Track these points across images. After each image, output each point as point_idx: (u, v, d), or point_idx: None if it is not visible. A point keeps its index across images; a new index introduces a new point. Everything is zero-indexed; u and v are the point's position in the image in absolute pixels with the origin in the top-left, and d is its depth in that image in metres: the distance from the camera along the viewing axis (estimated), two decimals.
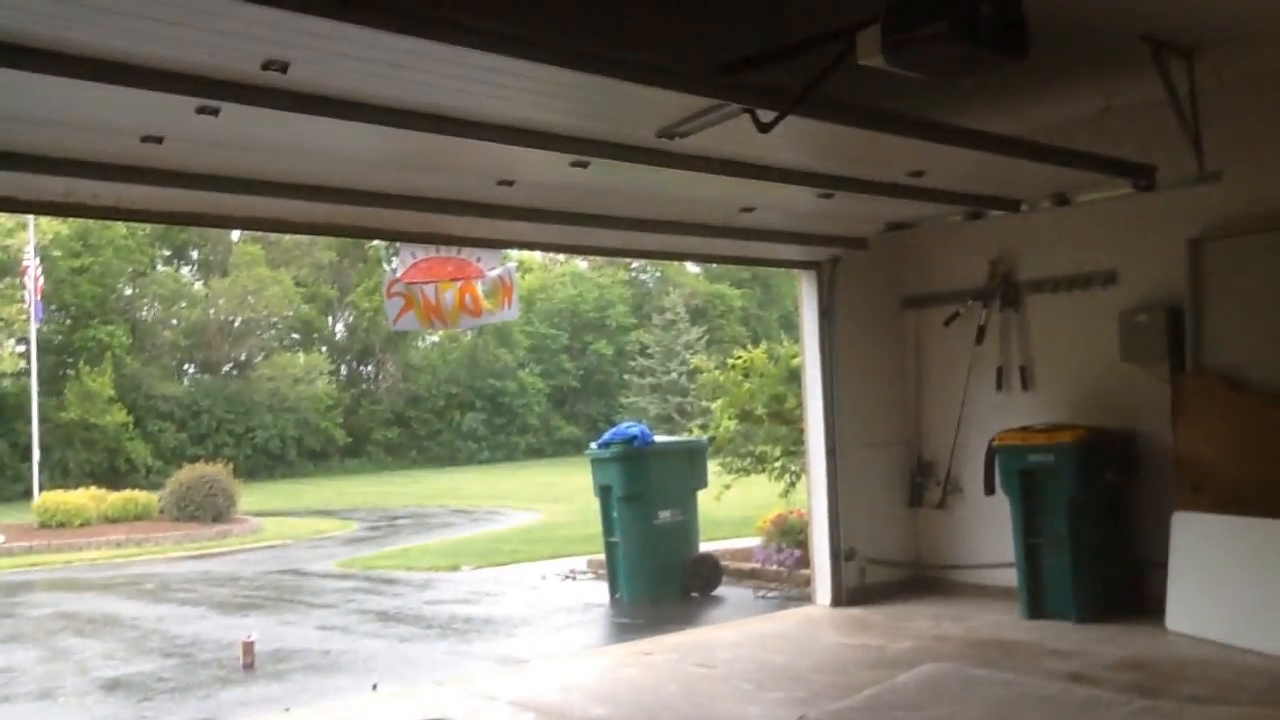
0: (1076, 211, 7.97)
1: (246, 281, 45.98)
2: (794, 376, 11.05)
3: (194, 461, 26.01)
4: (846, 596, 9.10)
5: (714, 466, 12.01)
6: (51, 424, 35.94)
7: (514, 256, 11.29)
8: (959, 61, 4.94)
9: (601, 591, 11.37)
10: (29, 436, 29.23)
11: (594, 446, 11.16)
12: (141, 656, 9.53)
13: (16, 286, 31.23)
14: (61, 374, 40.55)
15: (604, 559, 11.42)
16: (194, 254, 50.11)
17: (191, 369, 48.39)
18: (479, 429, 50.92)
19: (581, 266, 56.97)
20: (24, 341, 31.08)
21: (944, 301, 9.40)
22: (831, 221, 8.28)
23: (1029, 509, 8.22)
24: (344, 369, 52.52)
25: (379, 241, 42.64)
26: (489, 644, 9.39)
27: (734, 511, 14.29)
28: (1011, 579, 8.49)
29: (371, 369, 53.36)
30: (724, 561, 11.36)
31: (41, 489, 24.98)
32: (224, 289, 46.72)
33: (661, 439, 11.42)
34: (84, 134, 5.02)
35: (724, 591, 10.92)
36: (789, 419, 11.56)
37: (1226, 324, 7.74)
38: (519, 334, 52.05)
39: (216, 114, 4.65)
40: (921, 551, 9.61)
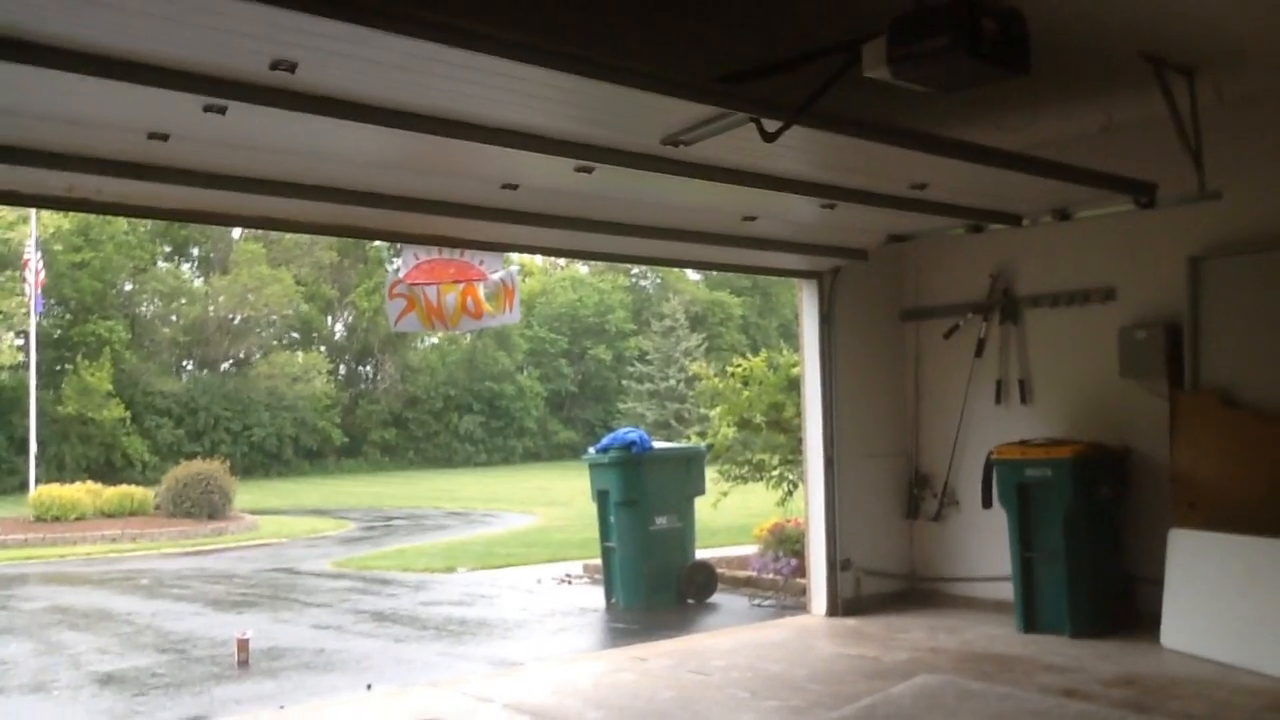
0: (1077, 227, 7.99)
1: (247, 279, 46.06)
2: (793, 385, 11.06)
3: (190, 458, 26.08)
4: (842, 607, 9.11)
5: (712, 474, 12.02)
6: (49, 418, 35.99)
7: (514, 260, 11.26)
8: (962, 75, 4.99)
9: (597, 596, 11.37)
10: (26, 430, 29.26)
11: (592, 451, 11.16)
12: (136, 651, 9.53)
13: (17, 280, 31.25)
14: (60, 368, 40.63)
15: (600, 564, 11.43)
16: (195, 251, 50.24)
17: (190, 366, 48.49)
18: (476, 431, 50.98)
19: (582, 271, 57.05)
20: (23, 335, 31.11)
21: (944, 314, 9.43)
22: (833, 232, 8.29)
23: (1025, 523, 8.24)
24: (342, 369, 52.60)
25: (381, 242, 42.92)
26: (484, 646, 9.39)
27: (731, 519, 14.32)
28: (1006, 592, 8.51)
29: (370, 369, 53.43)
30: (720, 569, 11.37)
31: (37, 483, 24.98)
32: (224, 287, 46.80)
33: (660, 445, 11.41)
34: (90, 130, 5.01)
35: (719, 599, 10.93)
36: (787, 428, 11.58)
37: (1225, 342, 7.76)
38: (518, 337, 52.12)
39: (223, 112, 4.66)
40: (917, 563, 9.62)
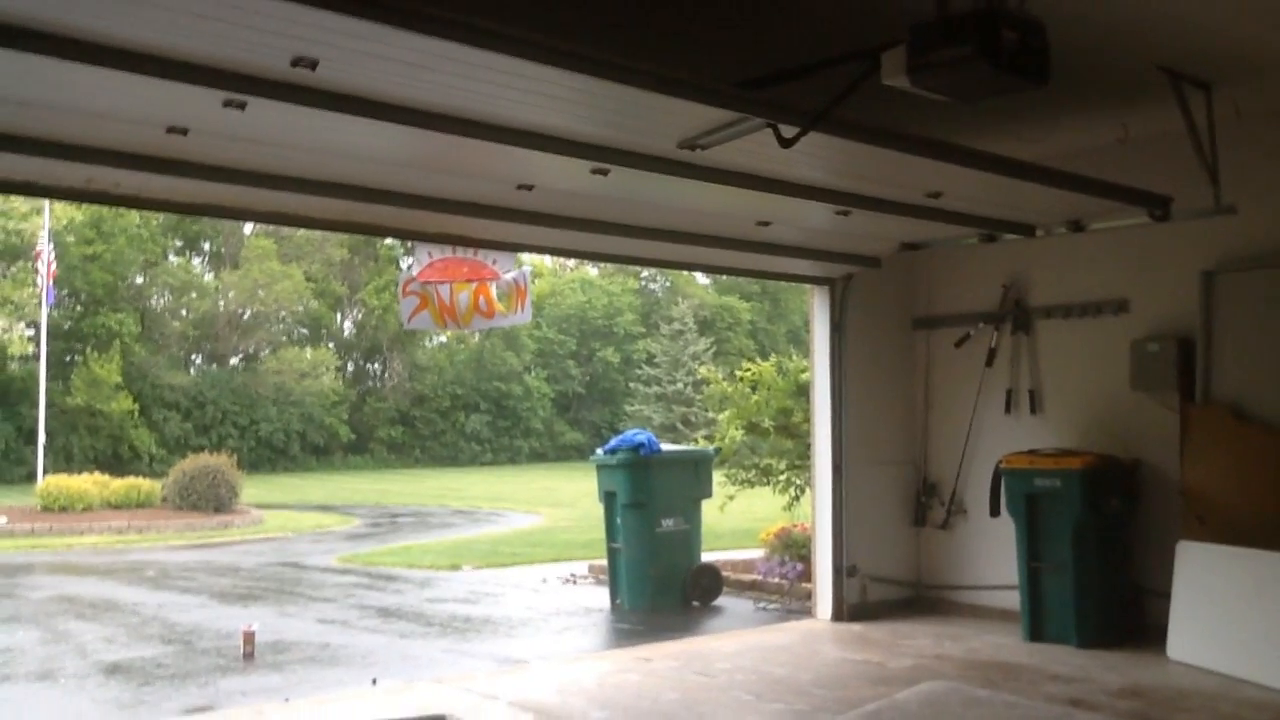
0: (1091, 239, 7.99)
1: (257, 275, 46.20)
2: (802, 391, 11.07)
3: (198, 451, 26.09)
4: (847, 612, 9.12)
5: (719, 477, 12.02)
6: (57, 409, 36.11)
7: (524, 261, 11.28)
8: (981, 85, 4.98)
9: (602, 597, 11.39)
10: (35, 420, 29.38)
11: (600, 452, 11.17)
12: (142, 642, 9.56)
13: (29, 271, 31.35)
14: (69, 359, 40.77)
15: (605, 564, 11.44)
16: (206, 246, 50.38)
17: (199, 360, 48.64)
18: (483, 431, 51.04)
19: (591, 273, 57.08)
20: (34, 326, 31.19)
21: (955, 323, 9.43)
22: (846, 239, 8.29)
23: (1033, 532, 8.23)
24: (350, 366, 52.69)
25: (392, 240, 43.01)
26: (488, 644, 9.41)
27: (737, 523, 14.33)
28: (1012, 601, 8.51)
29: (378, 367, 53.53)
30: (726, 572, 11.38)
31: (45, 473, 25.07)
32: (234, 281, 46.93)
33: (668, 448, 11.42)
34: (110, 123, 5.02)
35: (724, 602, 10.94)
36: (795, 433, 11.59)
37: (1237, 356, 7.76)
38: (526, 338, 52.19)
39: (243, 108, 4.67)
40: (923, 571, 9.62)
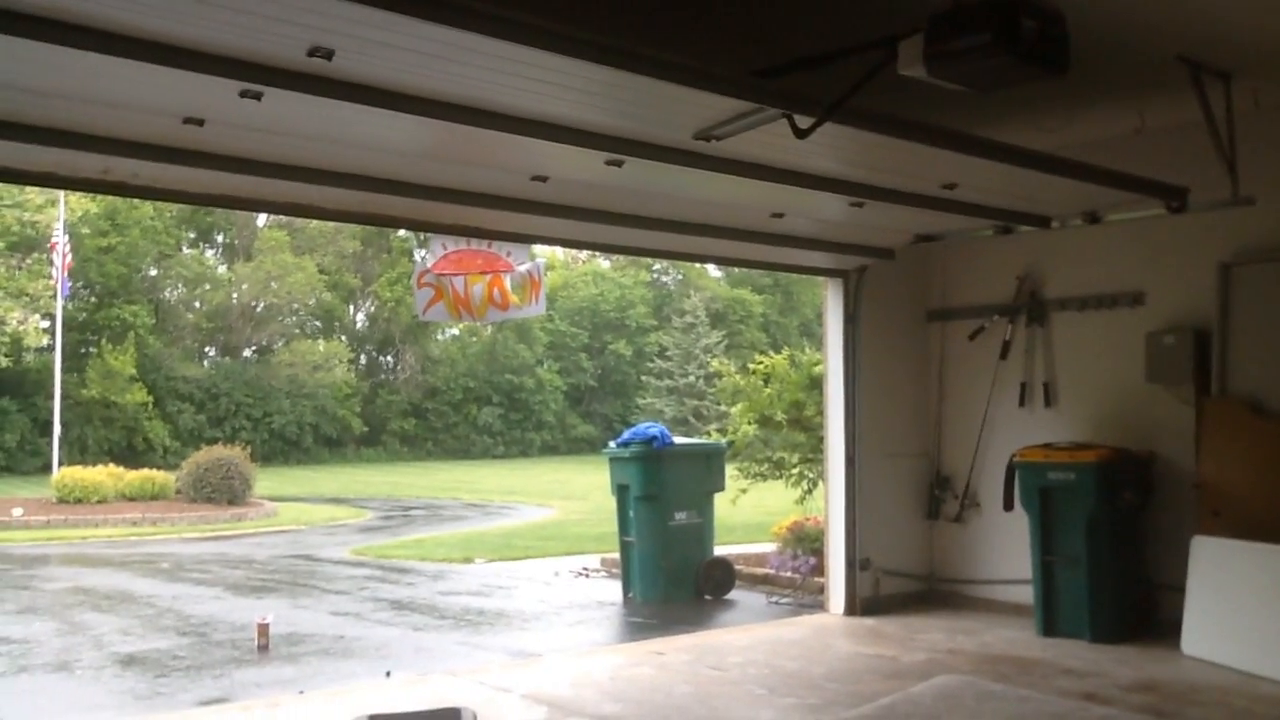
0: (1106, 230, 7.95)
1: (270, 267, 46.32)
2: (815, 384, 11.05)
3: (211, 444, 26.21)
4: (860, 606, 9.10)
5: (731, 471, 12.02)
6: (72, 400, 36.30)
7: (537, 253, 11.31)
8: (999, 75, 4.95)
9: (614, 590, 11.40)
10: (50, 412, 29.53)
11: (613, 445, 11.17)
12: (157, 634, 9.61)
13: (44, 263, 31.48)
14: (84, 351, 40.96)
15: (618, 557, 11.45)
16: (219, 238, 50.54)
17: (212, 352, 48.81)
18: (495, 424, 51.13)
19: (603, 266, 57.08)
20: (49, 317, 31.31)
21: (969, 315, 9.40)
22: (861, 231, 8.26)
23: (1047, 526, 8.20)
24: (363, 358, 52.82)
25: (404, 232, 43.12)
26: (502, 637, 9.42)
27: (749, 517, 14.33)
28: (1025, 596, 8.48)
29: (390, 359, 53.65)
30: (738, 566, 11.38)
31: (60, 465, 25.19)
32: (248, 274, 47.06)
33: (680, 441, 11.42)
34: (126, 113, 5.03)
35: (737, 596, 10.93)
36: (808, 426, 11.57)
37: (1254, 349, 7.72)
38: (538, 331, 52.23)
39: (259, 98, 4.67)
40: (936, 564, 9.60)
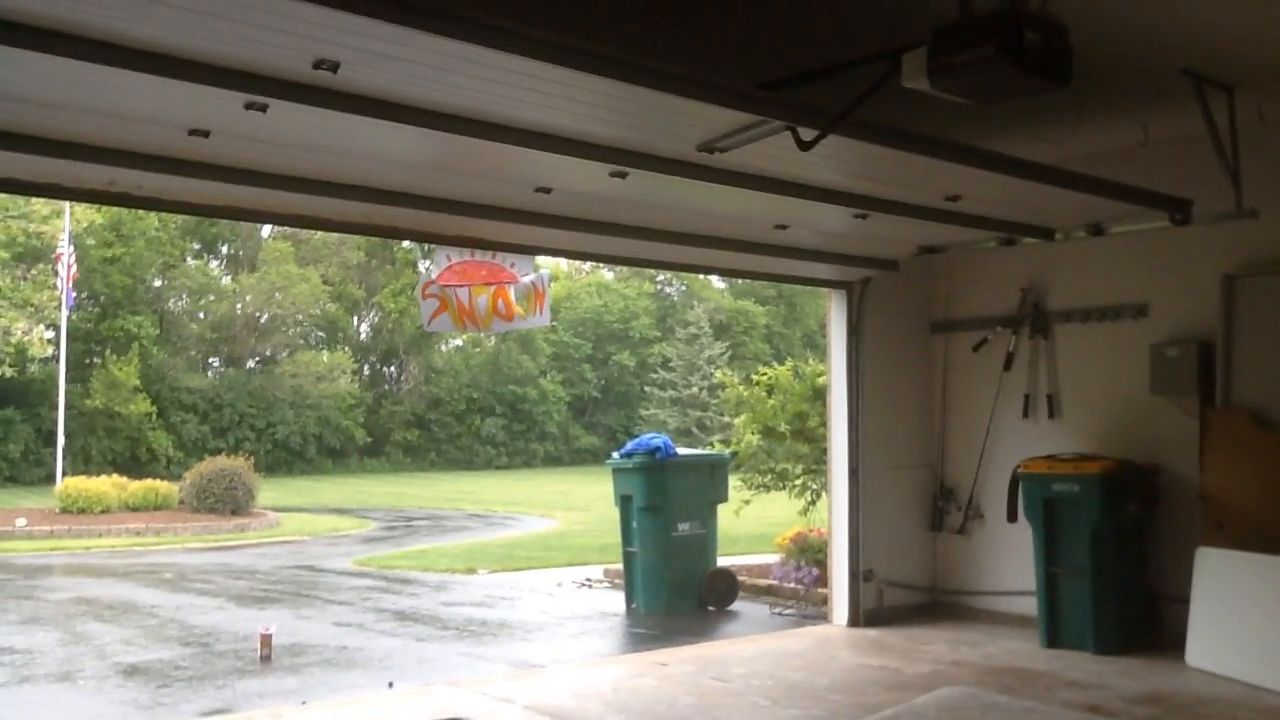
0: (1110, 242, 7.95)
1: (274, 278, 46.38)
2: (818, 395, 11.05)
3: (215, 454, 26.20)
4: (864, 617, 9.09)
5: (734, 482, 12.01)
6: (76, 411, 36.31)
7: (540, 264, 11.33)
8: (1002, 87, 4.95)
9: (617, 601, 11.38)
10: (54, 422, 29.55)
11: (616, 456, 11.17)
12: (160, 644, 9.60)
13: (49, 273, 31.55)
14: (89, 362, 41.02)
15: (620, 568, 11.43)
16: (224, 249, 50.64)
17: (216, 362, 48.85)
18: (498, 434, 51.12)
19: (607, 277, 57.11)
20: (54, 328, 31.37)
21: (973, 327, 9.40)
22: (864, 242, 8.28)
23: (1051, 538, 8.20)
24: (367, 369, 52.84)
25: (409, 244, 43.16)
26: (504, 647, 9.41)
27: (752, 528, 14.31)
28: (1029, 607, 8.47)
29: (394, 370, 53.67)
30: (741, 577, 11.36)
31: (64, 475, 25.19)
32: (252, 285, 47.12)
33: (684, 452, 11.42)
34: (132, 125, 5.05)
35: (740, 607, 10.92)
36: (811, 437, 11.55)
37: (1258, 361, 7.71)
38: (542, 342, 52.24)
39: (264, 110, 4.69)
40: (940, 576, 9.59)
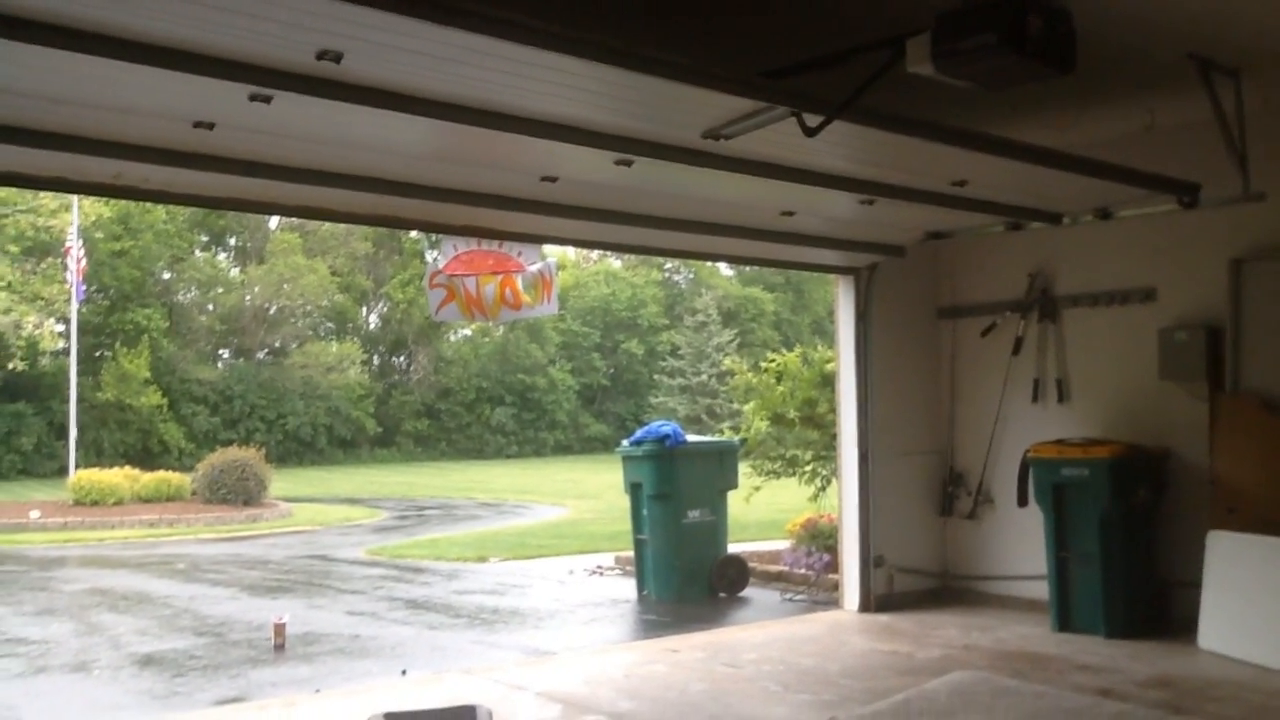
0: (1118, 227, 7.93)
1: (283, 269, 46.45)
2: (827, 381, 11.05)
3: (226, 445, 26.31)
4: (874, 603, 9.10)
5: (744, 468, 12.03)
6: (88, 404, 36.45)
7: (547, 253, 11.34)
8: (1007, 73, 4.97)
9: (628, 588, 11.42)
10: (66, 415, 29.68)
11: (626, 444, 11.18)
12: (174, 634, 9.66)
13: (59, 267, 31.65)
14: (99, 355, 41.13)
15: (631, 556, 11.46)
16: (232, 241, 50.70)
17: (226, 354, 48.94)
18: (508, 424, 51.18)
19: (615, 265, 57.09)
20: (64, 321, 31.48)
21: (981, 312, 9.38)
22: (871, 228, 8.27)
23: (1061, 522, 8.19)
24: (376, 359, 52.91)
25: (416, 234, 43.16)
26: (516, 635, 9.45)
27: (762, 514, 14.33)
28: (1039, 592, 8.47)
29: (403, 360, 53.72)
30: (752, 563, 11.38)
31: (76, 467, 25.31)
32: (260, 276, 47.19)
33: (693, 439, 11.43)
34: (137, 118, 5.07)
35: (751, 593, 10.95)
36: (821, 423, 11.55)
37: (1266, 345, 7.68)
38: (550, 330, 52.25)
39: (269, 102, 4.71)
40: (950, 561, 9.59)
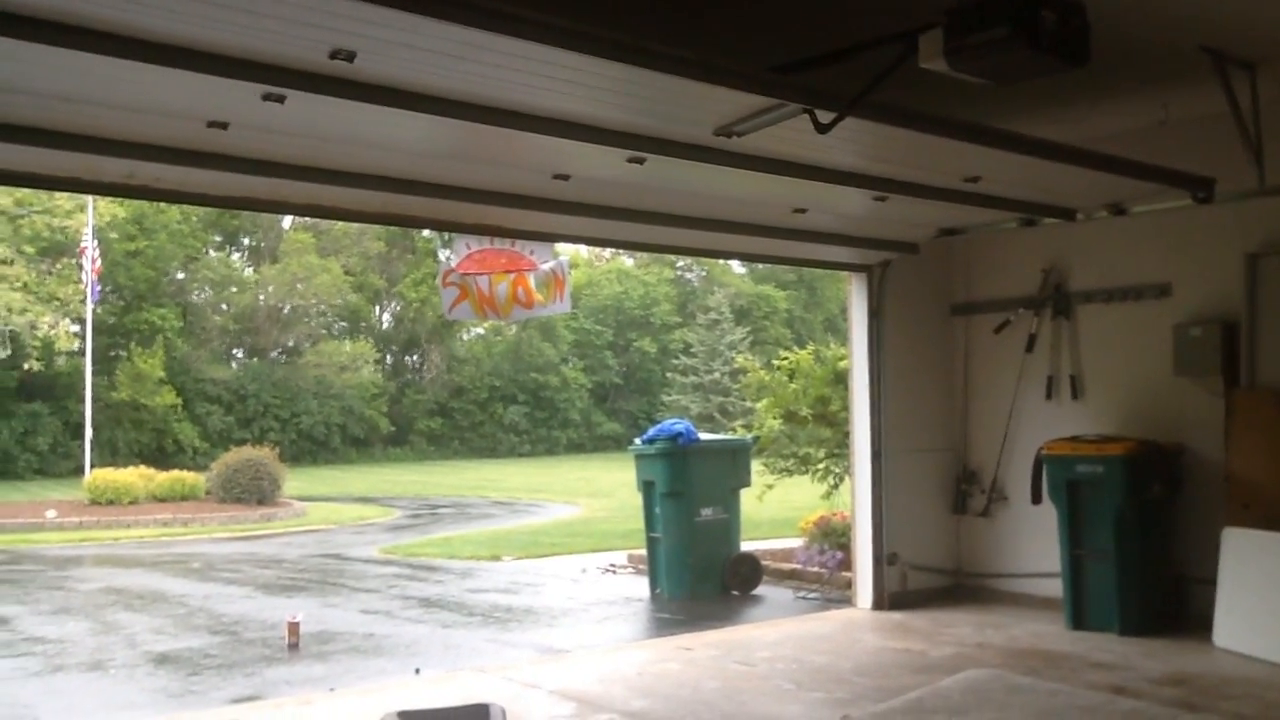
0: (1132, 222, 7.90)
1: (296, 269, 46.58)
2: (840, 379, 11.03)
3: (240, 444, 26.40)
4: (888, 601, 9.09)
5: (757, 466, 12.01)
6: (103, 403, 36.62)
7: (559, 251, 11.33)
8: (1020, 67, 4.94)
9: (641, 586, 11.42)
10: (81, 415, 29.83)
11: (639, 442, 11.19)
12: (189, 633, 9.70)
13: (74, 267, 31.79)
14: (114, 355, 41.32)
15: (644, 554, 11.46)
16: (245, 240, 50.88)
17: (240, 354, 49.11)
18: (521, 422, 51.23)
19: (627, 264, 57.08)
20: (79, 321, 31.61)
21: (994, 309, 9.36)
22: (884, 225, 8.24)
23: (1075, 519, 8.16)
24: (389, 358, 53.04)
25: (429, 233, 43.18)
26: (530, 633, 9.47)
27: (775, 512, 14.31)
28: (1053, 589, 8.45)
29: (416, 359, 53.83)
30: (765, 561, 11.37)
31: (92, 467, 25.42)
32: (274, 276, 47.35)
33: (706, 437, 11.42)
34: (150, 118, 5.08)
35: (764, 591, 10.94)
36: (833, 421, 11.54)
37: None
38: (563, 329, 52.29)
39: (282, 101, 4.71)
40: (964, 559, 9.57)
